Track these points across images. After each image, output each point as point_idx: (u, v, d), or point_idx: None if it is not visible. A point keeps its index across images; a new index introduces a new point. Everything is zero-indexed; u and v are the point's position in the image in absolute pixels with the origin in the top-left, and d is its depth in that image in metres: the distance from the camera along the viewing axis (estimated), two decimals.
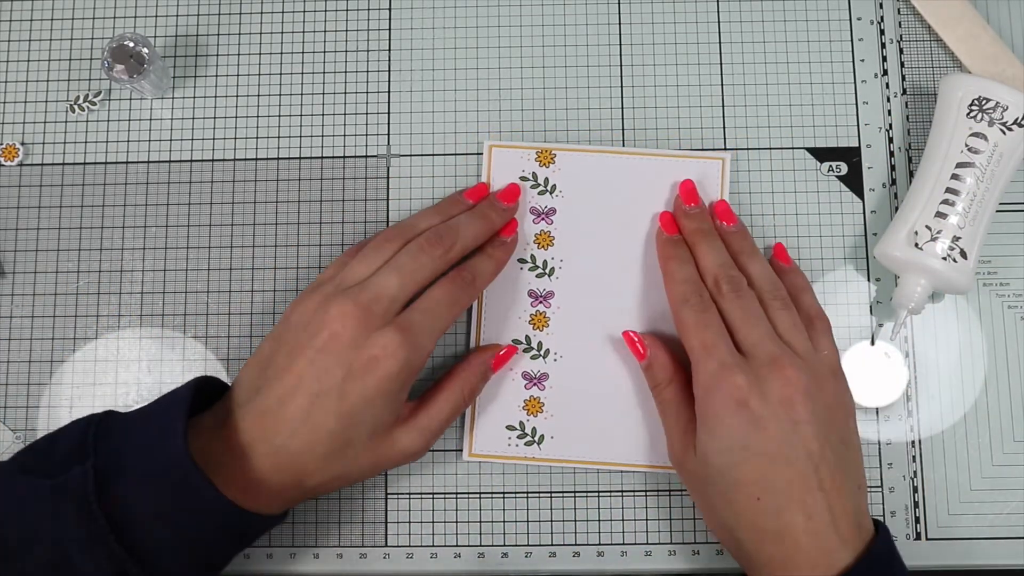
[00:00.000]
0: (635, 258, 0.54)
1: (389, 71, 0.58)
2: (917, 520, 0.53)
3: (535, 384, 0.53)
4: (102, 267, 0.56)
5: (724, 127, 0.57)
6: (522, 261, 0.54)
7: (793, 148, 0.57)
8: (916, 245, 0.51)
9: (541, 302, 0.54)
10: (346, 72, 0.58)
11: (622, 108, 0.57)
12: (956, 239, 0.51)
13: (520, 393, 0.53)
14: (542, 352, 0.53)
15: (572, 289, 0.54)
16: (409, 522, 0.54)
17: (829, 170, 0.57)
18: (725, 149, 0.57)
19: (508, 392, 0.53)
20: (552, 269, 0.54)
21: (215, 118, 0.58)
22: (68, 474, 0.43)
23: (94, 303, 0.56)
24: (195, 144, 0.57)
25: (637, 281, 0.54)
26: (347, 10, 0.59)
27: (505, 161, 0.55)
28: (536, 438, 0.53)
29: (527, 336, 0.54)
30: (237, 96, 0.58)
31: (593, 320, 0.54)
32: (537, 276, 0.54)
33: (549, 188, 0.54)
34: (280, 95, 0.58)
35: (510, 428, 0.53)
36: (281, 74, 0.58)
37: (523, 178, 0.55)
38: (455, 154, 0.57)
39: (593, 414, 0.53)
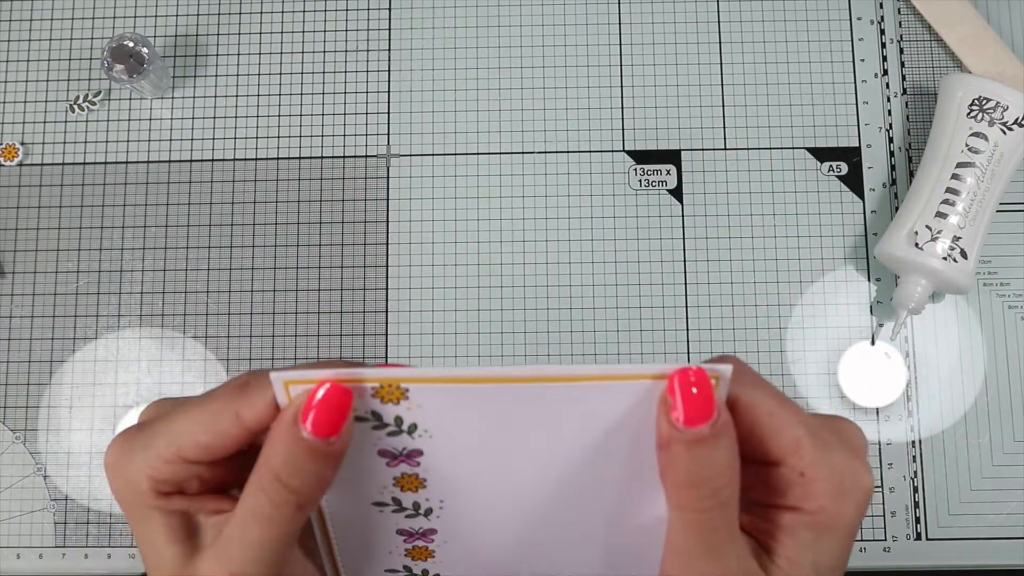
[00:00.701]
0: (548, 497, 0.35)
1: (389, 71, 0.58)
2: (917, 520, 0.53)
3: None
4: (102, 267, 0.56)
5: (724, 127, 0.57)
6: (380, 505, 0.35)
7: (793, 148, 0.57)
8: (916, 245, 0.51)
9: (419, 538, 0.36)
10: (346, 72, 0.58)
11: (622, 108, 0.57)
12: (956, 239, 0.51)
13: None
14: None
15: (460, 526, 0.36)
16: None
17: (829, 170, 0.57)
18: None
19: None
20: (429, 510, 0.35)
21: (215, 118, 0.58)
22: None
23: (94, 303, 0.56)
24: (195, 144, 0.57)
25: (554, 519, 0.35)
26: (347, 10, 0.59)
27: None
28: None
29: (405, 566, 0.36)
30: (237, 96, 0.58)
31: (493, 560, 0.36)
32: (408, 517, 0.35)
33: (406, 428, 0.33)
34: (280, 95, 0.58)
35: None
36: (281, 74, 0.58)
37: (360, 419, 0.32)
38: (455, 154, 0.57)
39: None
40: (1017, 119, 0.51)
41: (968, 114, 0.52)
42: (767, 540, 0.33)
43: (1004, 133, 0.51)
